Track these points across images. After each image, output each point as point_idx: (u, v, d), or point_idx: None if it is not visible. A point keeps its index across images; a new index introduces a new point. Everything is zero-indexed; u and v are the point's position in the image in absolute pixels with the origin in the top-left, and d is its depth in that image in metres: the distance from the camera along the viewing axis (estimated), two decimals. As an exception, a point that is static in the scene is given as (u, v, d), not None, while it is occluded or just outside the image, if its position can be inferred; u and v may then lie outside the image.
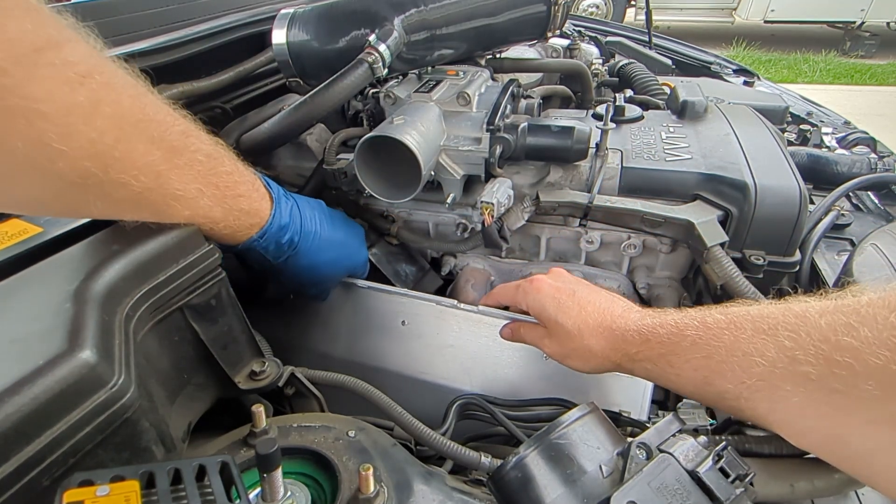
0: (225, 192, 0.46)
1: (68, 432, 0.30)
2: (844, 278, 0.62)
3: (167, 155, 0.40)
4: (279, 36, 0.71)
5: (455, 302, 0.67)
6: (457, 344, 0.67)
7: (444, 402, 0.62)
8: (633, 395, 0.61)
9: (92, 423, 0.31)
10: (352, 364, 0.69)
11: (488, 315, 0.66)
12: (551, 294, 0.54)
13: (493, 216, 0.64)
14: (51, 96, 0.32)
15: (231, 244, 0.51)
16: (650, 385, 0.62)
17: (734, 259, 0.61)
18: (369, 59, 0.63)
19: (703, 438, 0.40)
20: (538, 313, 0.55)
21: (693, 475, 0.36)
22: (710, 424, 0.57)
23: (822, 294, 0.38)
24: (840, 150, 1.08)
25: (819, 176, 0.96)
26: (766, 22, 5.49)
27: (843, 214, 0.85)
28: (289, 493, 0.35)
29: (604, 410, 0.42)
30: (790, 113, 1.23)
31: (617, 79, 1.18)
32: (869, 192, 0.96)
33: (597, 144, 0.68)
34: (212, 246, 0.46)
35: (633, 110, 0.81)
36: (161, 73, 0.73)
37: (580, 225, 0.71)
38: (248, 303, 0.71)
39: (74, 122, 0.33)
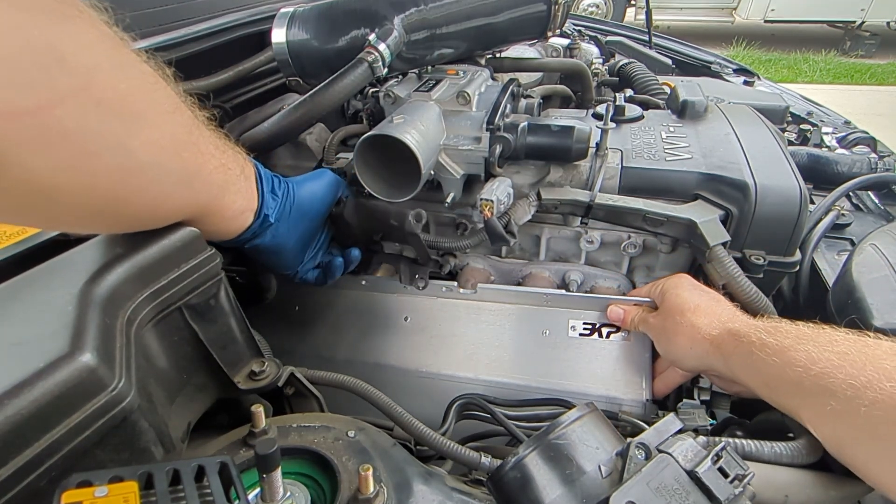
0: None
1: (68, 435, 0.30)
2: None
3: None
4: (279, 35, 0.71)
5: (454, 284, 0.70)
6: (458, 332, 0.69)
7: (450, 392, 0.64)
8: (632, 378, 0.64)
9: (92, 427, 0.31)
10: (358, 364, 0.70)
11: (486, 300, 0.69)
12: (692, 282, 0.61)
13: (492, 212, 0.64)
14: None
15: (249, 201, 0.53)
16: (648, 364, 0.64)
17: (734, 259, 0.61)
18: (369, 59, 0.63)
19: (702, 439, 0.40)
20: (666, 289, 0.61)
21: (692, 475, 0.36)
22: (710, 424, 0.57)
23: None
24: (840, 150, 1.08)
25: (819, 176, 0.96)
26: (766, 21, 5.49)
27: (843, 214, 0.85)
28: (288, 494, 0.35)
29: (603, 411, 0.42)
30: (790, 113, 1.23)
31: (617, 78, 1.18)
32: (869, 192, 0.96)
33: (597, 144, 0.68)
34: (213, 251, 0.46)
35: (633, 110, 0.81)
36: (160, 72, 0.73)
37: (581, 224, 0.71)
38: (249, 303, 0.72)
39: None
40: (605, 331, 0.67)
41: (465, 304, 0.70)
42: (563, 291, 0.69)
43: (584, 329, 0.67)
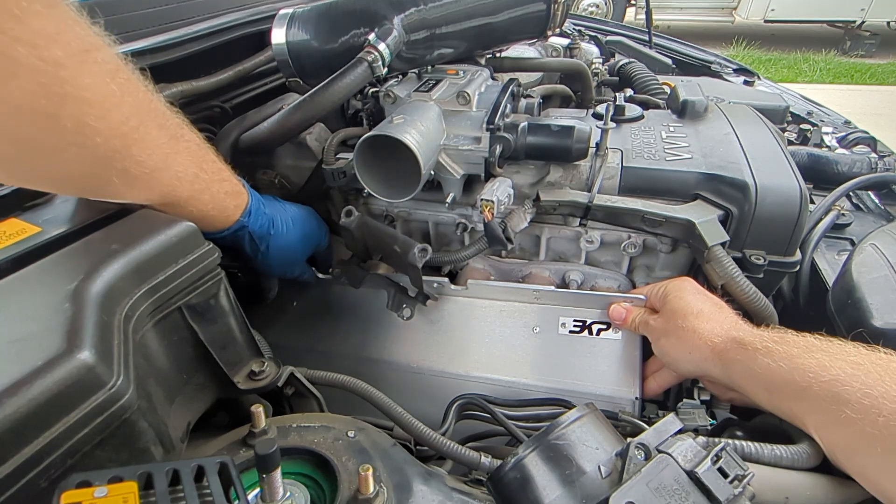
0: (213, 177, 0.52)
1: (66, 433, 0.30)
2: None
3: (171, 141, 0.47)
4: (279, 35, 0.71)
5: (445, 280, 0.70)
6: (450, 329, 0.71)
7: (441, 388, 0.67)
8: (622, 376, 0.65)
9: (90, 425, 0.31)
10: (351, 357, 0.72)
11: (477, 297, 0.70)
12: (696, 286, 0.61)
13: (493, 213, 0.64)
14: (93, 86, 0.39)
15: (222, 228, 0.56)
16: (638, 362, 0.65)
17: (734, 259, 0.61)
18: (369, 58, 0.63)
19: (701, 439, 0.40)
20: (669, 291, 0.61)
21: (691, 475, 0.36)
22: (710, 424, 0.57)
23: None
24: (840, 150, 1.08)
25: (819, 175, 0.96)
26: (766, 21, 5.49)
27: (843, 214, 0.85)
28: (288, 494, 0.35)
29: (602, 411, 0.42)
30: (790, 112, 1.22)
31: (617, 78, 1.18)
32: (869, 192, 0.96)
33: (597, 144, 0.68)
34: (211, 245, 0.46)
35: (633, 110, 0.81)
36: (160, 71, 0.73)
37: (580, 224, 0.71)
38: (249, 303, 0.72)
39: (108, 107, 0.40)
40: (595, 328, 0.67)
41: (457, 300, 0.71)
42: (553, 287, 0.69)
43: (575, 326, 0.68)
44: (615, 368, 0.65)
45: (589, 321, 0.67)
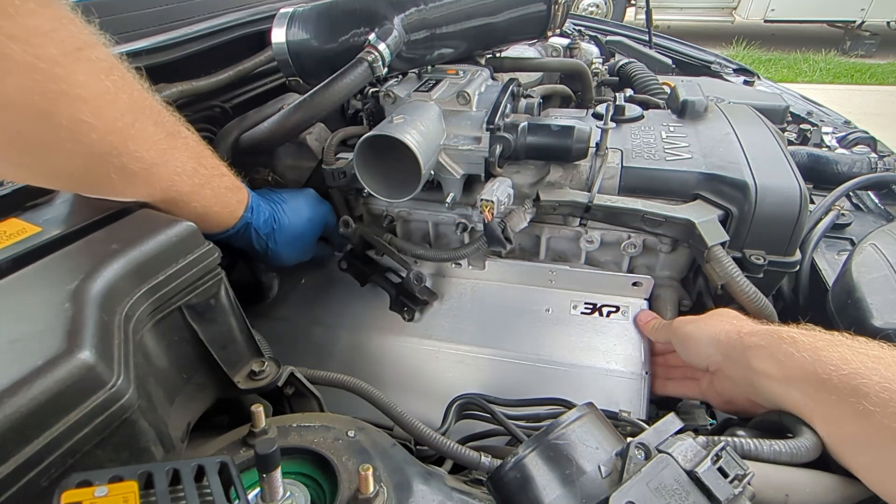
0: (212, 172, 0.52)
1: (67, 433, 0.30)
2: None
3: (168, 137, 0.47)
4: (279, 35, 0.71)
5: (464, 260, 0.73)
6: (464, 306, 0.74)
7: (452, 364, 0.70)
8: (631, 353, 0.67)
9: (91, 424, 0.31)
10: (362, 332, 0.75)
11: (492, 280, 0.74)
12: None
13: (493, 213, 0.64)
14: (87, 83, 0.39)
15: (227, 226, 0.56)
16: (647, 341, 0.67)
17: (734, 259, 0.61)
18: (369, 58, 0.63)
19: (701, 438, 0.40)
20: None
21: (691, 475, 0.36)
22: (710, 424, 0.57)
23: None
24: (840, 150, 1.08)
25: (819, 175, 0.96)
26: (766, 21, 5.49)
27: (843, 214, 0.85)
28: (288, 494, 0.35)
29: (602, 410, 0.42)
30: (790, 112, 1.22)
31: (617, 78, 1.18)
32: (869, 192, 0.96)
33: (597, 144, 0.68)
34: (211, 245, 0.46)
35: (633, 110, 0.81)
36: (160, 71, 0.73)
37: (580, 224, 0.71)
38: (249, 303, 0.73)
39: (103, 104, 0.41)
40: (605, 310, 0.70)
41: (472, 282, 0.75)
42: (567, 266, 0.72)
43: (586, 308, 0.71)
44: (625, 346, 0.68)
45: (599, 304, 0.70)
